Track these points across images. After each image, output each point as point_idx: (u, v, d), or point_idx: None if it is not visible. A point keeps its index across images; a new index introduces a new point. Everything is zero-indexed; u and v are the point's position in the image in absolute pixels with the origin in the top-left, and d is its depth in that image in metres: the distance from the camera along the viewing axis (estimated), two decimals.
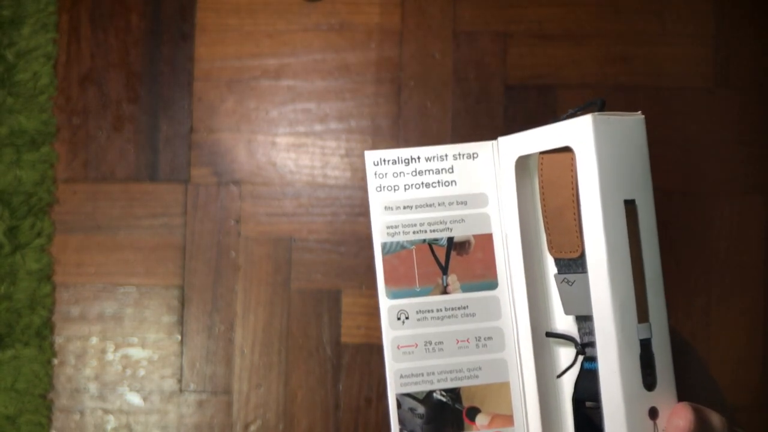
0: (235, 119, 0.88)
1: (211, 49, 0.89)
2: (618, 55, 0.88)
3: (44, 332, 0.86)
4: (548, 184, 0.36)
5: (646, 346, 0.32)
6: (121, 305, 0.87)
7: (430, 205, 0.37)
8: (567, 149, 0.34)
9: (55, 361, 0.87)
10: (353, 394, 0.86)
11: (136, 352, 0.87)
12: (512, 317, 0.37)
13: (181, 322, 0.87)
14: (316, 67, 0.88)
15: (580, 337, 0.36)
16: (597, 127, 0.32)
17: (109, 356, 0.87)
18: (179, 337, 0.87)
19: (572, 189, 0.35)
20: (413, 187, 0.37)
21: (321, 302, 0.87)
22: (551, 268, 0.37)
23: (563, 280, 0.36)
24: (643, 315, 0.33)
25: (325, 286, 0.87)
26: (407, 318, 0.37)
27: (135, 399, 0.86)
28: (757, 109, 0.88)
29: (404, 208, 0.37)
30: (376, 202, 0.37)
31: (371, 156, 0.38)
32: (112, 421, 0.86)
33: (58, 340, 0.87)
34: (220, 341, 0.87)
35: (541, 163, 0.36)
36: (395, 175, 0.37)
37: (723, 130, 0.88)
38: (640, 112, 0.33)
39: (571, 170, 0.35)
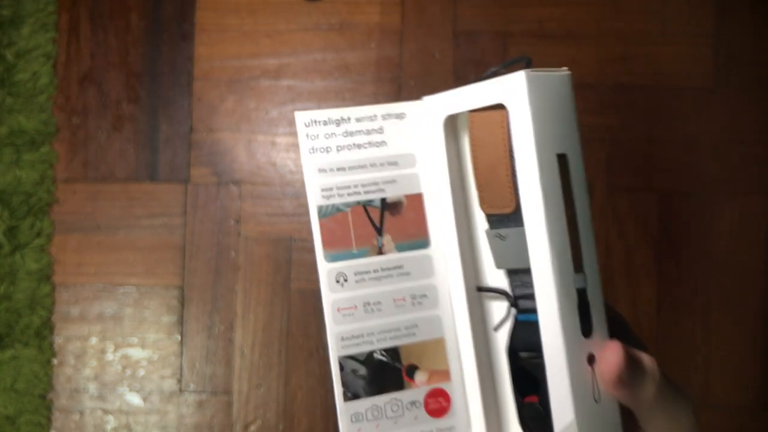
0: (234, 119, 0.88)
1: (210, 49, 0.89)
2: (618, 54, 0.88)
3: (44, 332, 0.86)
4: (479, 141, 0.36)
5: (582, 294, 0.33)
6: (120, 305, 0.87)
7: (363, 167, 0.37)
8: (498, 107, 0.34)
9: (55, 362, 0.87)
10: None
11: (136, 352, 0.87)
12: (445, 274, 0.38)
13: (180, 322, 0.87)
14: (316, 67, 0.88)
15: (512, 290, 0.37)
16: (530, 83, 0.32)
17: (109, 356, 0.87)
18: (179, 337, 0.87)
19: (505, 146, 0.35)
20: (345, 148, 0.37)
21: (321, 302, 0.87)
22: (481, 225, 0.38)
23: (495, 235, 0.36)
24: (578, 265, 0.34)
25: None
26: (346, 280, 0.37)
27: (135, 399, 0.86)
28: (758, 108, 0.88)
29: (338, 170, 0.37)
30: (310, 165, 0.37)
31: (302, 117, 0.37)
32: (111, 422, 0.86)
33: (58, 340, 0.87)
34: (220, 341, 0.87)
35: (472, 122, 0.36)
36: (327, 136, 0.37)
37: (723, 130, 0.88)
38: (566, 68, 0.34)
39: (503, 127, 0.35)
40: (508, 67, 0.35)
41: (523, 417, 0.36)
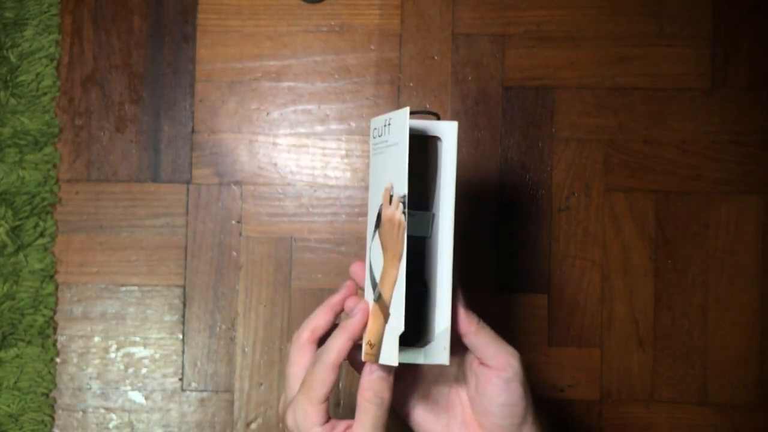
0: (236, 120, 0.89)
1: (212, 51, 0.89)
2: (616, 56, 0.89)
3: (47, 331, 0.87)
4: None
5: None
6: (123, 304, 0.88)
7: None
8: (435, 138, 0.54)
9: (58, 360, 0.87)
10: (354, 392, 0.86)
11: (139, 351, 0.87)
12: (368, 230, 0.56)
13: (182, 321, 0.87)
14: (316, 69, 0.89)
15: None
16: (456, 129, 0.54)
17: (112, 355, 0.87)
18: (181, 336, 0.87)
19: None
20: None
21: (321, 301, 0.87)
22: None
23: (409, 214, 0.54)
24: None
25: (325, 286, 0.87)
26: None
27: (137, 397, 0.87)
28: (755, 110, 0.89)
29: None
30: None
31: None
32: (114, 420, 0.87)
33: (61, 339, 0.87)
34: (222, 340, 0.87)
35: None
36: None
37: (720, 130, 0.89)
38: (456, 122, 0.54)
39: (435, 152, 0.54)
40: (425, 114, 0.57)
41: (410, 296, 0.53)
